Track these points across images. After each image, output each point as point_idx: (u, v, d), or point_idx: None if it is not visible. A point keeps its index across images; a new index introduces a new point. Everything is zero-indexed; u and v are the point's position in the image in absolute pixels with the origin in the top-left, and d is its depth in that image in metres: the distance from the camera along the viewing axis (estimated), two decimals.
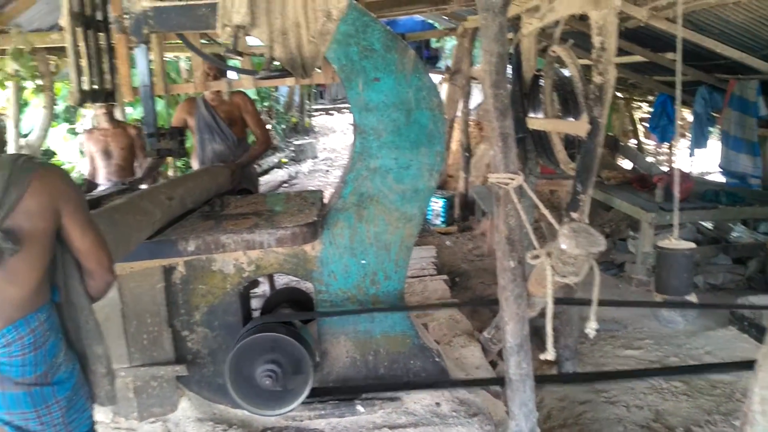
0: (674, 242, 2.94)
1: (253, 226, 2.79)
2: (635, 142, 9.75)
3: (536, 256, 2.11)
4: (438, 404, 2.93)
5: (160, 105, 7.53)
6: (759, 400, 1.84)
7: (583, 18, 3.52)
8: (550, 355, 2.17)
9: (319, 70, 3.65)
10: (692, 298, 3.02)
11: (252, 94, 9.76)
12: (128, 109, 7.45)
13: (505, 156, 2.29)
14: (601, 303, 2.18)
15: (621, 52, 5.65)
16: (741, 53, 4.30)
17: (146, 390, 2.95)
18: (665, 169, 7.21)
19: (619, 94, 9.08)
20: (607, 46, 3.35)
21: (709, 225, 6.29)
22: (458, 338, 3.73)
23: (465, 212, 7.54)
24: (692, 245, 2.94)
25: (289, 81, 3.25)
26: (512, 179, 2.23)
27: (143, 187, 3.86)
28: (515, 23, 4.94)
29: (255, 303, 3.86)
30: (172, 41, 5.37)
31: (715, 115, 5.81)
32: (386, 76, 2.81)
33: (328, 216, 2.92)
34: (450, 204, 7.49)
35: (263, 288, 4.78)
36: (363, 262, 2.95)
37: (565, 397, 3.56)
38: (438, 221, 7.46)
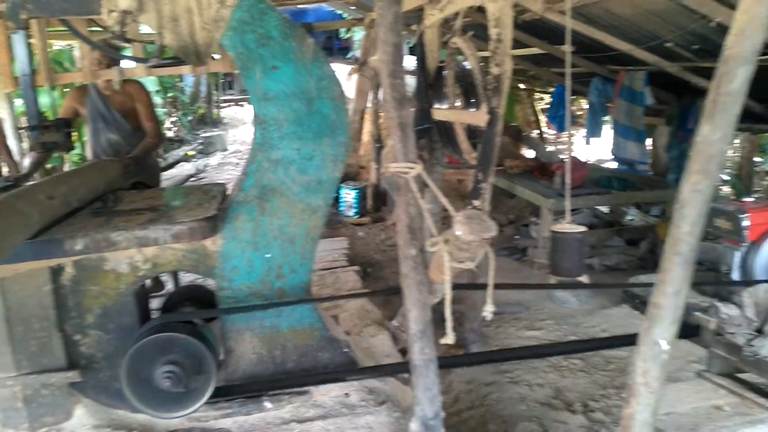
0: (566, 227, 3.08)
1: (147, 222, 2.66)
2: (538, 132, 10.16)
3: (435, 244, 2.15)
4: (347, 395, 2.93)
5: (51, 96, 7.03)
6: (641, 372, 1.96)
7: (482, 10, 3.60)
8: (449, 338, 2.21)
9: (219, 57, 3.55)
10: (584, 279, 3.18)
11: (153, 84, 9.35)
12: (17, 101, 6.91)
13: (404, 145, 2.30)
14: (498, 287, 2.25)
15: (520, 44, 5.86)
16: (628, 45, 4.56)
17: (37, 399, 2.76)
18: (564, 157, 7.55)
19: (521, 86, 9.41)
20: (503, 38, 3.44)
21: (605, 209, 6.67)
22: (368, 328, 3.74)
23: (377, 203, 7.59)
24: (583, 229, 3.09)
25: (185, 69, 3.14)
26: (411, 168, 2.25)
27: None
28: (419, 14, 4.99)
29: (158, 303, 3.71)
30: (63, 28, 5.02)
31: (608, 104, 6.15)
32: (285, 65, 2.75)
33: (229, 210, 2.83)
34: (362, 195, 7.51)
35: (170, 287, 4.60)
36: (267, 255, 2.89)
37: (472, 380, 3.66)
38: (351, 212, 7.46)
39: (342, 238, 6.01)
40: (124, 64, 3.94)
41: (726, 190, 8.34)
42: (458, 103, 4.71)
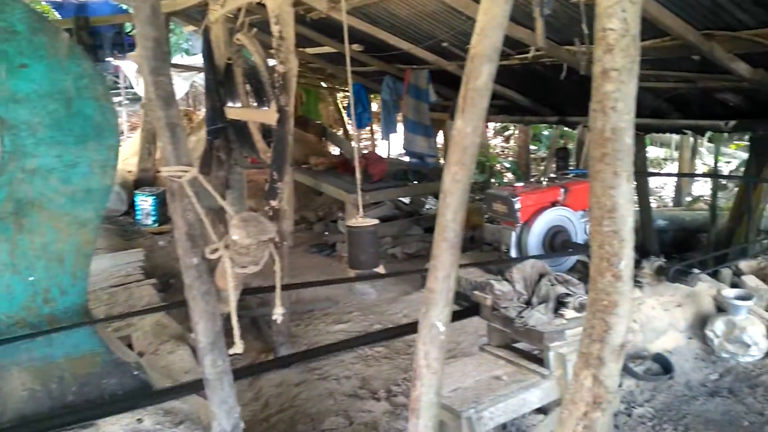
0: (360, 221, 3.15)
1: None
2: (342, 129, 10.38)
3: (214, 250, 2.04)
4: (140, 420, 2.70)
5: None
6: (423, 355, 2.05)
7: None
8: (238, 348, 2.13)
9: None
10: (380, 269, 3.29)
11: None
12: None
13: (175, 148, 2.14)
14: (287, 287, 2.21)
15: (314, 42, 5.91)
16: (410, 44, 4.81)
17: None
18: (364, 152, 7.81)
19: (323, 84, 9.54)
20: (285, 36, 3.42)
21: (406, 200, 7.01)
22: (166, 345, 3.51)
23: None
24: (375, 222, 3.20)
25: None
26: (185, 172, 2.11)
27: None
28: (204, 9, 4.79)
29: None
30: None
31: (400, 102, 6.45)
32: (36, 62, 2.43)
33: None
34: (162, 201, 7.05)
35: None
36: (30, 278, 2.55)
37: (282, 383, 3.61)
38: (149, 221, 6.97)
39: (138, 249, 5.56)
40: None
41: (509, 176, 9.29)
42: (252, 101, 4.61)
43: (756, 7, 3.00)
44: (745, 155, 7.05)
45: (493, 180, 8.36)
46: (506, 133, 12.07)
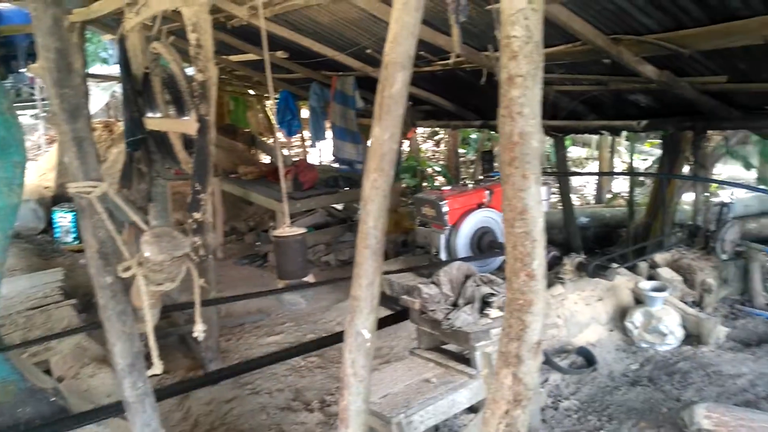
0: (287, 230, 3.11)
1: None
2: (273, 137, 10.24)
3: (127, 268, 1.96)
4: None
5: None
6: (350, 363, 2.05)
7: None
8: (157, 369, 2.05)
9: None
10: (309, 278, 3.26)
11: None
12: None
13: (83, 162, 2.06)
14: (214, 302, 2.15)
15: (236, 50, 5.82)
16: (334, 51, 4.80)
17: None
18: (296, 160, 7.75)
19: (251, 92, 9.39)
20: (203, 43, 3.33)
21: (339, 207, 6.99)
22: (87, 368, 3.36)
23: None
24: (303, 231, 3.16)
25: None
26: (94, 187, 2.02)
27: None
28: (120, 17, 4.62)
29: None
30: None
31: (329, 108, 6.42)
32: None
33: None
34: None
35: None
36: None
37: (212, 400, 3.51)
38: (69, 238, 6.65)
39: (57, 268, 5.29)
40: None
41: (441, 179, 9.42)
42: (172, 111, 4.48)
43: (659, 12, 3.17)
44: (659, 152, 7.42)
45: (425, 184, 8.45)
46: (436, 137, 12.24)
